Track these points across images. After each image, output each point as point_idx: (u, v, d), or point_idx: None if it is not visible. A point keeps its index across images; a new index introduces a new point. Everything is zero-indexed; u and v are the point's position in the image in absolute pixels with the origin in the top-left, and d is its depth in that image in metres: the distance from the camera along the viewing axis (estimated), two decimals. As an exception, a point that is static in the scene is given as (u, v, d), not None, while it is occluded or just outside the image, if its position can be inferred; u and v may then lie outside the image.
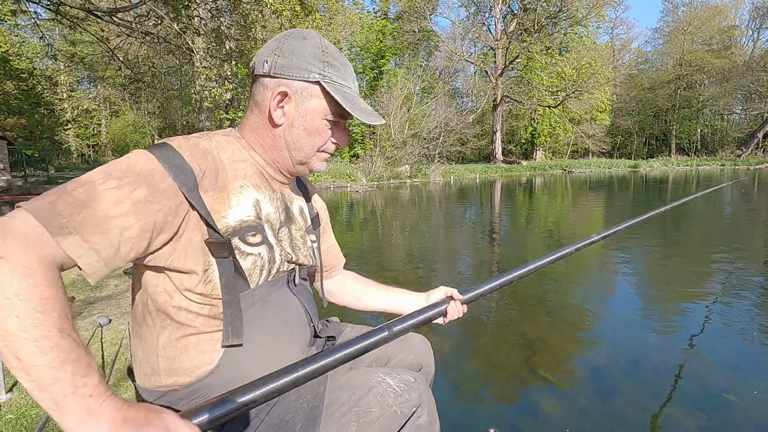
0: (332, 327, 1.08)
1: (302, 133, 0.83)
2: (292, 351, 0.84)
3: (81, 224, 0.59)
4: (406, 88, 26.54)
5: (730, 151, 38.90)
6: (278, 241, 0.84)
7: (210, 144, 0.78)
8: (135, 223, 0.63)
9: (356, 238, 6.68)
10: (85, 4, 10.69)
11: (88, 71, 29.47)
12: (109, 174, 0.64)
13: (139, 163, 0.67)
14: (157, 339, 0.76)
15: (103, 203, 0.61)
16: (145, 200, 0.64)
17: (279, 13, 13.37)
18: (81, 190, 0.61)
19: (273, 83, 0.80)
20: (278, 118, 0.81)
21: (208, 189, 0.73)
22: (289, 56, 0.80)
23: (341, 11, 29.37)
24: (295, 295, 0.89)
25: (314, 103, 0.82)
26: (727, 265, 4.36)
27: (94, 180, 0.63)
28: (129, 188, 0.64)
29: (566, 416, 1.85)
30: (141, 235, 0.64)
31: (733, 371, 2.20)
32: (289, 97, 0.80)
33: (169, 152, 0.70)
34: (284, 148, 0.84)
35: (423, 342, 1.16)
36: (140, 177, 0.65)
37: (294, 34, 0.83)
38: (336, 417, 0.82)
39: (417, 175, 22.44)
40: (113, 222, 0.61)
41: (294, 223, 0.91)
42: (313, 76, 0.80)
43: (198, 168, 0.72)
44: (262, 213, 0.81)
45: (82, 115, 34.84)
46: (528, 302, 3.40)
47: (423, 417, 0.90)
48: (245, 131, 0.86)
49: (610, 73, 33.66)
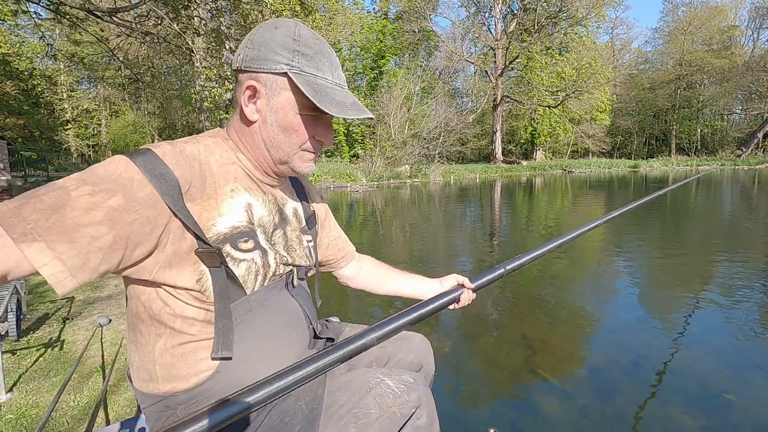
0: (332, 328, 1.07)
1: (277, 130, 0.78)
2: (291, 354, 0.83)
3: (48, 231, 0.55)
4: (406, 88, 26.53)
5: (730, 151, 38.90)
6: (272, 245, 0.81)
7: (197, 148, 0.74)
8: (107, 233, 0.59)
9: (356, 238, 6.69)
10: (85, 4, 10.69)
11: (88, 71, 29.44)
12: (84, 180, 0.60)
13: (118, 170, 0.63)
14: (153, 347, 0.74)
15: (74, 210, 0.57)
16: (120, 209, 0.60)
17: (279, 13, 13.39)
18: (52, 195, 0.57)
19: (244, 78, 0.76)
20: (251, 114, 0.77)
21: (195, 197, 0.69)
22: (258, 47, 0.74)
23: (341, 11, 29.39)
24: (294, 297, 0.87)
25: (284, 96, 0.76)
26: (727, 264, 4.36)
27: (67, 185, 0.59)
28: (104, 195, 0.60)
29: (566, 416, 1.85)
30: (113, 246, 0.60)
31: (733, 371, 2.20)
32: (258, 92, 0.75)
33: (151, 159, 0.65)
34: (263, 146, 0.79)
35: (423, 341, 1.15)
36: (117, 184, 0.61)
37: (268, 23, 0.77)
38: (335, 418, 0.82)
39: (417, 175, 22.44)
40: (83, 230, 0.57)
41: (288, 224, 0.88)
42: (280, 67, 0.73)
43: (183, 176, 0.68)
44: (255, 217, 0.78)
45: (82, 115, 34.80)
46: (528, 302, 3.40)
47: (422, 418, 0.90)
48: (231, 131, 0.81)
49: (610, 73, 33.66)
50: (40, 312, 3.15)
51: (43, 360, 2.40)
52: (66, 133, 31.41)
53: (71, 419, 1.85)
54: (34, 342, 2.63)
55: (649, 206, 10.72)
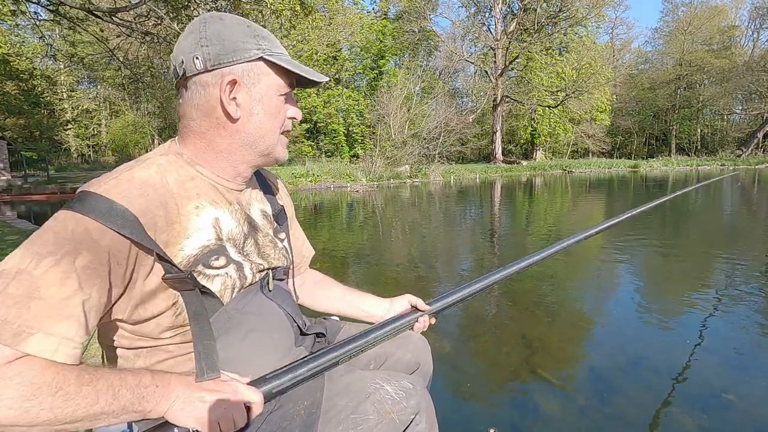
0: (327, 325, 1.06)
1: (265, 118, 0.77)
2: (275, 356, 0.82)
3: (37, 320, 0.53)
4: (406, 88, 26.52)
5: (730, 151, 38.86)
6: (245, 256, 0.80)
7: (149, 172, 0.69)
8: (91, 293, 0.58)
9: (356, 238, 6.68)
10: (85, 4, 10.68)
11: (88, 71, 29.46)
12: (40, 252, 0.56)
13: (69, 227, 0.59)
14: (133, 364, 0.74)
15: (49, 288, 0.55)
16: (91, 266, 0.58)
17: (279, 13, 13.37)
18: (15, 284, 0.54)
19: (214, 77, 0.72)
20: (234, 111, 0.74)
21: (158, 225, 0.66)
22: (220, 42, 0.72)
23: (341, 11, 29.41)
24: (272, 299, 0.85)
25: (265, 81, 0.75)
26: (728, 264, 4.36)
27: (24, 267, 0.55)
28: (69, 259, 0.57)
29: (566, 416, 1.85)
30: (100, 300, 0.60)
31: (733, 371, 2.19)
32: (239, 85, 0.73)
33: (97, 203, 0.61)
34: (245, 143, 0.77)
35: (421, 340, 1.14)
36: (76, 242, 0.58)
37: (206, 20, 0.74)
38: (333, 423, 0.81)
39: (417, 175, 22.42)
40: (69, 302, 0.56)
41: (259, 231, 0.86)
42: (254, 53, 0.73)
43: (138, 208, 0.64)
44: (223, 232, 0.76)
45: (82, 115, 34.83)
46: (528, 302, 3.39)
47: (421, 424, 0.89)
48: (187, 145, 0.77)
49: (610, 73, 33.64)
50: (40, 312, 3.14)
51: (43, 360, 2.40)
52: (66, 133, 31.43)
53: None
54: (34, 342, 2.63)
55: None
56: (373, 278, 4.29)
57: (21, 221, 8.97)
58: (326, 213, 10.60)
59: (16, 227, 7.64)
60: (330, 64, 31.37)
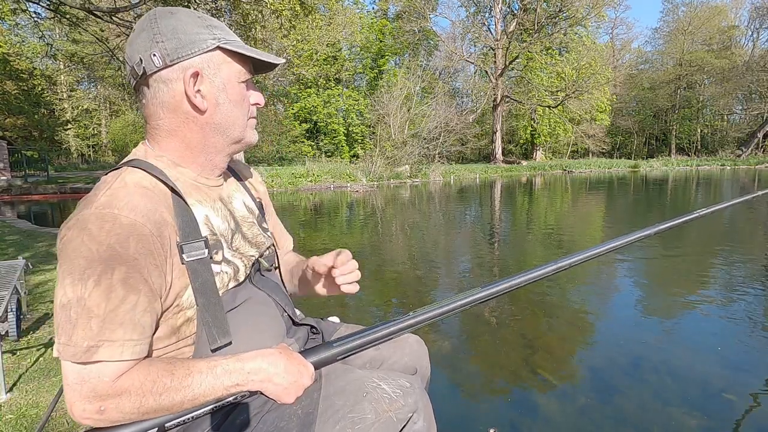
0: (328, 327, 1.06)
1: (230, 107, 0.77)
2: (265, 346, 0.79)
3: (99, 333, 0.60)
4: (406, 88, 26.51)
5: (730, 151, 38.84)
6: (234, 251, 0.81)
7: (137, 176, 0.70)
8: (138, 296, 0.63)
9: (356, 238, 6.68)
10: (85, 4, 10.69)
11: (88, 71, 29.44)
12: (81, 278, 0.60)
13: (93, 249, 0.61)
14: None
15: (99, 305, 0.60)
16: (129, 275, 0.62)
17: (279, 13, 13.35)
18: (72, 312, 0.60)
19: (175, 72, 0.72)
20: (201, 103, 0.73)
21: (165, 219, 0.69)
22: (175, 36, 0.71)
23: (341, 11, 29.37)
24: (261, 289, 0.86)
25: (225, 69, 0.75)
26: (728, 265, 4.36)
27: (74, 294, 0.61)
28: (108, 276, 0.61)
29: (566, 416, 1.85)
30: (151, 302, 0.65)
31: (733, 371, 2.20)
32: (201, 76, 0.73)
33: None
34: (216, 133, 0.77)
35: (418, 342, 1.12)
36: (105, 259, 0.61)
37: (156, 16, 0.73)
38: (330, 423, 0.81)
39: (417, 175, 22.41)
40: (119, 311, 0.61)
41: (243, 224, 0.87)
42: (210, 43, 0.73)
43: (143, 209, 0.66)
44: (215, 228, 0.78)
45: (82, 115, 34.78)
46: (528, 302, 3.39)
47: (419, 423, 0.89)
48: (162, 146, 0.77)
49: (610, 73, 33.61)
50: (40, 312, 3.14)
51: (43, 360, 2.40)
52: (66, 133, 31.37)
53: (71, 419, 1.85)
54: (34, 342, 2.63)
55: (649, 205, 10.72)
56: (373, 278, 4.30)
57: (21, 221, 8.97)
58: (326, 213, 10.60)
59: (16, 227, 7.64)
60: (330, 63, 31.36)
